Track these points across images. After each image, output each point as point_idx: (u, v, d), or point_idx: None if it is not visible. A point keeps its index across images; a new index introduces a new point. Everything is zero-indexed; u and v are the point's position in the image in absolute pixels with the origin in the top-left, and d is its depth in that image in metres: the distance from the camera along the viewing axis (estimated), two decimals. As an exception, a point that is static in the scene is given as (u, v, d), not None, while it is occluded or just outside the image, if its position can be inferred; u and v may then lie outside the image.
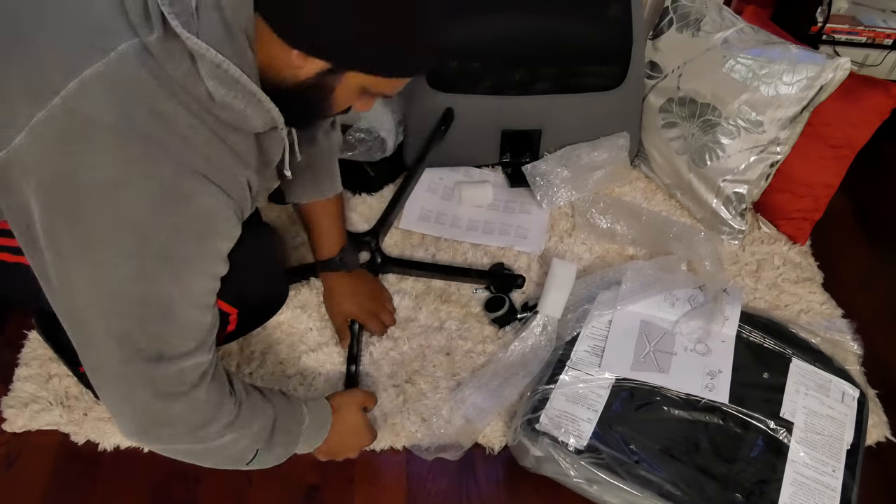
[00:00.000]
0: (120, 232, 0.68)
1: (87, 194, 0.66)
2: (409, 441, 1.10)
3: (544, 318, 1.20)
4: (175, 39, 0.66)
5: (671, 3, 1.46)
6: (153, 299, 0.72)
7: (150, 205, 0.68)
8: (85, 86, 0.64)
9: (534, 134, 1.50)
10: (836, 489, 1.01)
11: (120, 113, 0.65)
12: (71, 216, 0.68)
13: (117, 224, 0.68)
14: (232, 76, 0.69)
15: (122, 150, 0.66)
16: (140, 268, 0.70)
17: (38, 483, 1.05)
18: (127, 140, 0.66)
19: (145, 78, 0.66)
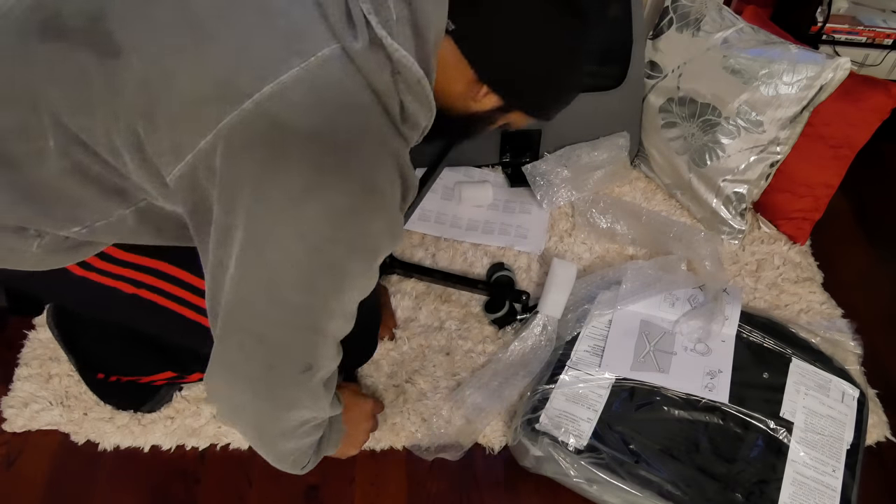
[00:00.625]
0: (296, 241, 0.66)
1: (271, 202, 0.64)
2: (409, 441, 1.10)
3: (544, 318, 1.20)
4: (378, 49, 0.63)
5: (671, 3, 1.46)
6: (314, 310, 0.70)
7: (332, 220, 0.65)
8: (283, 90, 0.61)
9: (534, 134, 1.50)
10: (836, 489, 1.01)
11: (318, 121, 0.62)
12: (250, 221, 0.65)
13: (294, 233, 0.65)
14: (427, 94, 0.68)
15: (315, 161, 0.63)
16: (307, 279, 0.68)
17: (38, 483, 1.05)
18: (320, 151, 0.63)
19: (348, 86, 0.63)
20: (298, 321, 0.70)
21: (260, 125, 0.62)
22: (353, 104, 0.64)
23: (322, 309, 0.70)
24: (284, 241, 0.66)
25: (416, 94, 0.68)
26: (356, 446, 1.03)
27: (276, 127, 0.62)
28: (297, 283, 0.68)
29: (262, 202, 0.64)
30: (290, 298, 0.69)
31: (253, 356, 0.72)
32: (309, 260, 0.67)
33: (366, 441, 1.05)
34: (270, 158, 0.63)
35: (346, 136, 0.64)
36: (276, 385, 0.74)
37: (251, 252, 0.66)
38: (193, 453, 1.08)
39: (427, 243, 1.39)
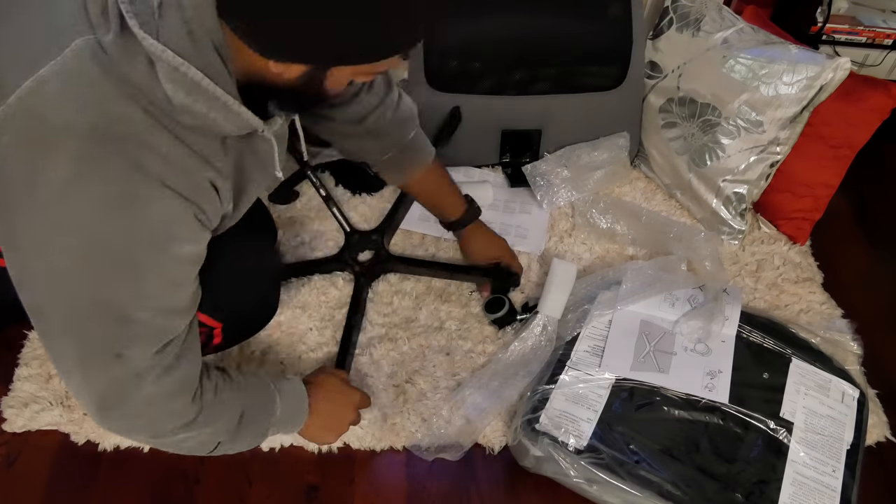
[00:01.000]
0: (72, 234, 0.67)
1: (41, 195, 0.65)
2: (409, 441, 1.10)
3: (544, 318, 1.20)
4: (133, 39, 0.63)
5: (671, 3, 1.46)
6: (108, 303, 0.71)
7: (102, 210, 0.66)
8: (40, 84, 0.63)
9: (534, 134, 1.50)
10: (836, 489, 1.01)
11: (74, 114, 0.64)
12: (27, 215, 0.67)
13: (69, 227, 0.67)
14: (192, 80, 0.65)
15: (76, 153, 0.64)
16: (92, 272, 0.69)
17: (38, 483, 1.05)
18: (80, 142, 0.64)
19: (99, 77, 0.64)
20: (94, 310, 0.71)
21: (22, 120, 0.64)
22: (107, 95, 0.65)
23: (114, 300, 0.71)
24: (63, 238, 0.67)
25: (177, 81, 0.65)
26: (335, 434, 1.04)
27: (36, 120, 0.64)
28: (83, 277, 0.69)
29: (33, 199, 0.66)
30: (79, 292, 0.70)
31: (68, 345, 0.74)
32: (90, 254, 0.68)
33: (344, 432, 1.05)
34: (34, 154, 0.64)
35: (105, 125, 0.64)
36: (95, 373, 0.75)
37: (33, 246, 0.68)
38: (193, 453, 1.08)
39: (427, 243, 1.39)
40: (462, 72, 1.39)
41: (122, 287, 0.71)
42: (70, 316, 0.72)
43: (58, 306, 0.72)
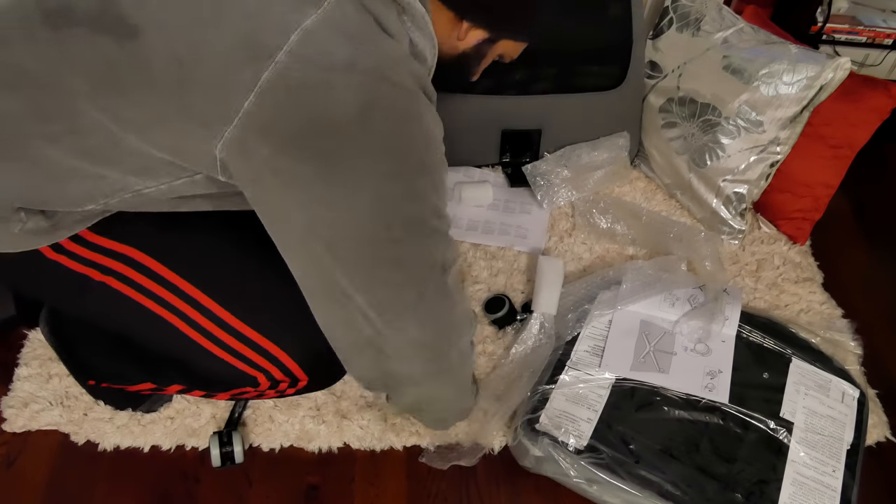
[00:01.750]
0: (382, 157, 0.69)
1: (340, 133, 0.67)
2: (409, 441, 1.10)
3: (540, 316, 1.20)
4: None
5: (671, 3, 1.46)
6: (428, 214, 0.74)
7: (398, 124, 0.69)
8: (308, 35, 0.65)
9: (534, 134, 1.50)
10: (836, 489, 1.01)
11: (350, 50, 0.66)
12: (327, 161, 0.67)
13: (377, 150, 0.68)
14: (430, 30, 0.74)
15: (359, 83, 0.66)
16: (411, 186, 0.72)
17: (38, 483, 1.05)
18: (362, 72, 0.66)
19: (365, 20, 0.68)
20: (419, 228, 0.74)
21: (297, 71, 0.64)
22: (374, 34, 0.69)
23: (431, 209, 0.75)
24: (366, 162, 0.68)
25: (422, 29, 0.74)
26: None
27: (314, 67, 0.65)
28: (407, 194, 0.72)
29: (325, 137, 0.66)
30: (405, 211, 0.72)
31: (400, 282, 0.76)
32: (405, 168, 0.71)
33: None
34: (322, 96, 0.65)
35: (377, 59, 0.68)
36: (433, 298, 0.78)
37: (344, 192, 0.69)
38: (193, 453, 1.08)
39: (427, 243, 1.39)
40: (462, 72, 1.39)
41: (434, 194, 0.75)
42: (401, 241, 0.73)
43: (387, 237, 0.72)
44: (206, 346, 0.89)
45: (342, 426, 1.11)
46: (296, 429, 1.10)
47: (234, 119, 0.65)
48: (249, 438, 1.09)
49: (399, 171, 0.70)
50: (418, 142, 0.71)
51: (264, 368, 0.91)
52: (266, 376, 0.92)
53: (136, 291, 0.87)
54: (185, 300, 0.87)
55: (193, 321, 0.88)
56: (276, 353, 0.90)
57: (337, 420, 1.11)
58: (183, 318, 0.87)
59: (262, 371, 0.92)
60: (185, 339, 0.88)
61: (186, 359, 0.93)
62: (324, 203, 0.69)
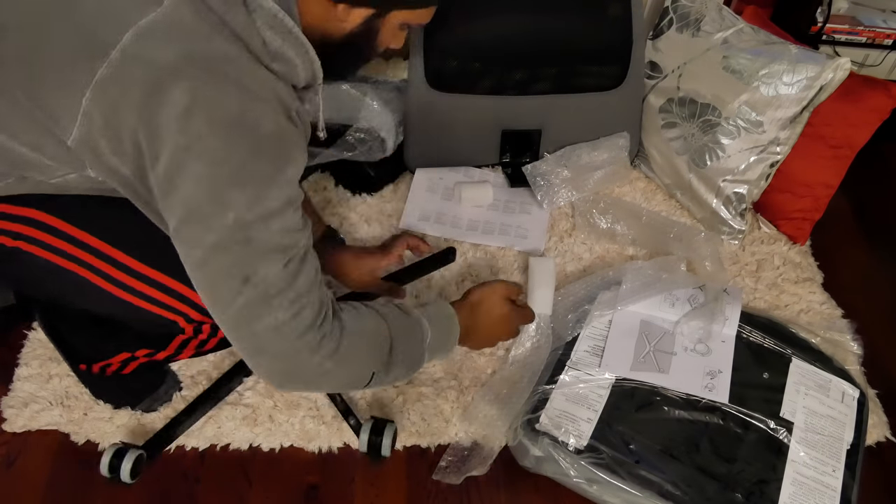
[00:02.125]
0: (195, 161, 0.69)
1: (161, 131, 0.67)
2: (409, 441, 1.10)
3: (536, 316, 1.20)
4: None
5: (671, 3, 1.46)
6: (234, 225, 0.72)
7: (220, 131, 0.69)
8: (141, 34, 0.66)
9: (534, 134, 1.50)
10: (836, 489, 1.01)
11: (181, 52, 0.67)
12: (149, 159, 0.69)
13: (192, 154, 0.68)
14: (286, 26, 0.72)
15: (188, 86, 0.67)
16: (217, 195, 0.71)
17: (38, 483, 1.05)
18: (191, 75, 0.67)
19: (201, 24, 0.68)
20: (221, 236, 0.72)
21: (129, 70, 0.66)
22: (210, 37, 0.68)
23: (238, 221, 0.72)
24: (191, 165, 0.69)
25: (275, 28, 0.72)
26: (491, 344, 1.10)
27: (145, 65, 0.66)
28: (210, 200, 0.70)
29: (155, 137, 0.68)
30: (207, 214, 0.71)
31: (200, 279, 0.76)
32: (215, 175, 0.70)
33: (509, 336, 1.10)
34: (148, 94, 0.66)
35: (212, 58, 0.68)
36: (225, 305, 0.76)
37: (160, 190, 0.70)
38: (193, 453, 1.08)
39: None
40: (462, 72, 1.39)
41: (248, 205, 0.72)
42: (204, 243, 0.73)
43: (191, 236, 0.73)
44: (122, 296, 0.90)
45: (342, 426, 1.11)
46: (296, 429, 1.10)
47: (78, 117, 0.68)
48: (249, 438, 1.09)
49: (209, 176, 0.70)
50: (240, 152, 0.70)
51: (180, 311, 0.92)
52: (185, 319, 0.92)
53: (48, 251, 0.87)
54: (94, 253, 0.88)
55: (105, 273, 0.88)
56: (186, 292, 0.90)
57: (337, 420, 1.11)
58: (95, 271, 0.88)
59: (179, 314, 0.92)
60: (101, 293, 0.89)
61: (114, 314, 0.94)
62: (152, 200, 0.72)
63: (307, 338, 0.79)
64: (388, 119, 1.48)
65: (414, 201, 1.46)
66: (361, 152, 1.47)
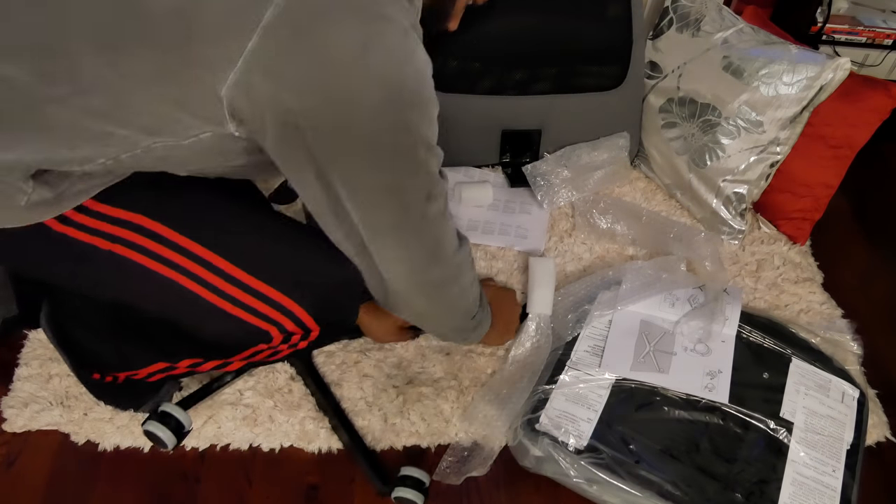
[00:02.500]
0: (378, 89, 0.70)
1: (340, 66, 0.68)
2: (408, 441, 1.10)
3: (535, 317, 1.20)
4: None
5: (671, 3, 1.46)
6: (416, 145, 0.77)
7: (394, 60, 0.71)
8: None
9: (534, 134, 1.50)
10: (836, 489, 1.01)
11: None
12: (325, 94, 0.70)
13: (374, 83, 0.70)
14: None
15: (356, 20, 0.68)
16: (401, 119, 0.74)
17: (38, 483, 1.05)
18: (357, 9, 0.69)
19: None
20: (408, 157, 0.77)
21: (296, 10, 0.67)
22: None
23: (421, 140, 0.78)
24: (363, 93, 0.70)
25: None
26: (510, 333, 1.19)
27: (311, 5, 0.67)
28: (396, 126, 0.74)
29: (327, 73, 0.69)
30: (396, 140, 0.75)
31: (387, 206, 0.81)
32: (398, 100, 0.72)
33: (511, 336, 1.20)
34: (320, 35, 0.68)
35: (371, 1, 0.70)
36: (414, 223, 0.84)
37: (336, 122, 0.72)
38: (193, 453, 1.08)
39: (427, 243, 1.39)
40: (462, 72, 1.39)
41: (422, 126, 0.77)
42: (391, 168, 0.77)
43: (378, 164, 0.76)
44: (218, 303, 0.90)
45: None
46: (296, 429, 1.10)
47: (238, 60, 0.67)
48: (249, 438, 1.09)
49: (393, 104, 0.72)
50: (411, 77, 0.73)
51: (276, 321, 0.93)
52: (279, 329, 0.93)
53: (144, 255, 0.87)
54: (193, 259, 0.88)
55: (203, 279, 0.88)
56: (287, 303, 0.92)
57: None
58: (192, 277, 0.88)
59: (275, 324, 0.93)
60: (195, 299, 0.89)
61: (198, 322, 0.94)
62: (325, 134, 0.73)
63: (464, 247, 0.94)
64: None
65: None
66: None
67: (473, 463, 1.07)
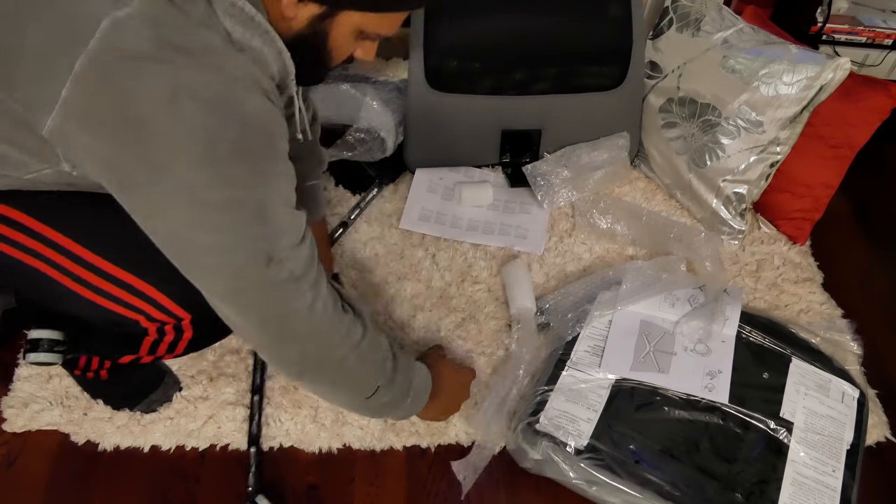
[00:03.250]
0: (189, 142, 0.68)
1: (147, 118, 0.67)
2: (408, 441, 1.10)
3: (517, 313, 1.22)
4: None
5: (671, 3, 1.46)
6: (244, 202, 0.72)
7: (208, 110, 0.68)
8: (119, 24, 0.65)
9: (534, 134, 1.50)
10: (836, 489, 1.01)
11: (157, 41, 0.67)
12: (136, 145, 0.68)
13: (184, 136, 0.68)
14: (248, 14, 0.71)
15: (169, 70, 0.67)
16: (220, 173, 0.70)
17: (38, 483, 1.05)
18: (171, 60, 0.67)
19: (173, 12, 0.68)
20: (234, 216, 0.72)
21: (106, 58, 0.66)
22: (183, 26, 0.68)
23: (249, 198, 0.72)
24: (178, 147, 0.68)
25: (235, 17, 0.71)
26: (447, 415, 1.10)
27: (121, 54, 0.66)
28: (213, 182, 0.70)
29: (139, 123, 0.67)
30: (214, 197, 0.70)
31: (217, 270, 0.74)
32: (212, 155, 0.69)
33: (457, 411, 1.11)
34: (131, 82, 0.66)
35: (189, 45, 0.68)
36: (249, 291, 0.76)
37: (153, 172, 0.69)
38: (193, 453, 1.08)
39: (427, 243, 1.39)
40: (462, 72, 1.39)
41: (254, 183, 0.72)
42: (211, 231, 0.72)
43: (197, 225, 0.72)
44: (81, 293, 0.89)
45: (342, 427, 1.11)
46: (296, 429, 1.10)
47: (55, 107, 0.67)
48: (249, 438, 1.09)
49: (207, 156, 0.69)
50: (231, 128, 0.70)
51: (140, 308, 0.90)
52: (145, 317, 0.91)
53: (9, 246, 0.87)
54: (56, 249, 0.87)
55: (66, 269, 0.88)
56: (147, 289, 0.89)
57: (337, 421, 1.11)
58: (56, 267, 0.87)
59: (140, 312, 0.90)
60: (62, 289, 0.88)
61: (72, 312, 0.93)
62: (142, 187, 0.70)
63: (336, 319, 0.82)
64: (387, 119, 1.48)
65: (414, 201, 1.46)
66: (361, 152, 1.47)
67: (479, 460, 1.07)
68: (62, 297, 0.89)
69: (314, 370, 0.86)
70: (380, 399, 0.92)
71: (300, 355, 0.83)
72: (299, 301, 0.78)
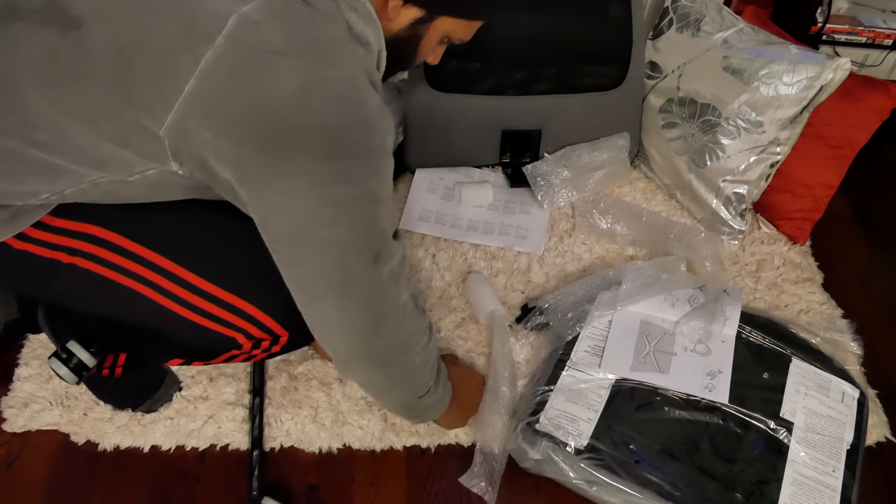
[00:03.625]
0: (317, 138, 0.69)
1: (278, 113, 0.67)
2: (409, 441, 1.10)
3: (488, 316, 1.22)
4: None
5: (671, 3, 1.46)
6: (361, 198, 0.73)
7: (336, 107, 0.69)
8: (245, 19, 0.66)
9: (534, 134, 1.50)
10: (836, 489, 1.01)
11: (286, 35, 0.68)
12: (263, 139, 0.68)
13: (313, 132, 0.69)
14: (367, 10, 0.74)
15: (298, 65, 0.68)
16: (343, 168, 0.71)
17: (38, 483, 1.05)
18: (299, 55, 0.68)
19: (299, 7, 0.69)
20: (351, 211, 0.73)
21: (235, 54, 0.66)
22: (309, 19, 0.70)
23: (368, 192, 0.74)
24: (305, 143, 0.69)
25: (358, 11, 0.75)
26: (465, 419, 1.09)
27: (251, 49, 0.67)
28: (337, 177, 0.71)
29: (268, 120, 0.68)
30: (336, 193, 0.72)
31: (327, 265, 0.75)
32: (337, 151, 0.70)
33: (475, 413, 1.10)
34: (260, 78, 0.67)
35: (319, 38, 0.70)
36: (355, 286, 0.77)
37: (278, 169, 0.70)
38: (193, 453, 1.08)
39: (427, 244, 1.39)
40: (462, 72, 1.39)
41: (372, 178, 0.74)
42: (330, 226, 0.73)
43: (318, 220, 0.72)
44: (182, 313, 0.89)
45: (342, 427, 1.11)
46: (296, 429, 1.10)
47: (175, 104, 0.67)
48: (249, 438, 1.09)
49: (333, 152, 0.70)
50: (356, 125, 0.71)
51: (241, 328, 0.91)
52: (245, 336, 0.92)
53: (105, 268, 0.87)
54: (155, 270, 0.87)
55: (165, 290, 0.88)
56: (251, 310, 0.90)
57: (337, 421, 1.11)
58: (154, 287, 0.88)
59: (240, 331, 0.91)
60: (159, 309, 0.89)
61: (166, 330, 0.93)
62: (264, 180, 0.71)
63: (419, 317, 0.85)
64: (388, 119, 1.48)
65: (414, 201, 1.46)
66: (361, 152, 1.47)
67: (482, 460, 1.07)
68: (159, 317, 0.89)
69: (389, 364, 0.86)
70: (427, 399, 0.95)
71: (387, 349, 0.84)
72: (398, 297, 0.80)
